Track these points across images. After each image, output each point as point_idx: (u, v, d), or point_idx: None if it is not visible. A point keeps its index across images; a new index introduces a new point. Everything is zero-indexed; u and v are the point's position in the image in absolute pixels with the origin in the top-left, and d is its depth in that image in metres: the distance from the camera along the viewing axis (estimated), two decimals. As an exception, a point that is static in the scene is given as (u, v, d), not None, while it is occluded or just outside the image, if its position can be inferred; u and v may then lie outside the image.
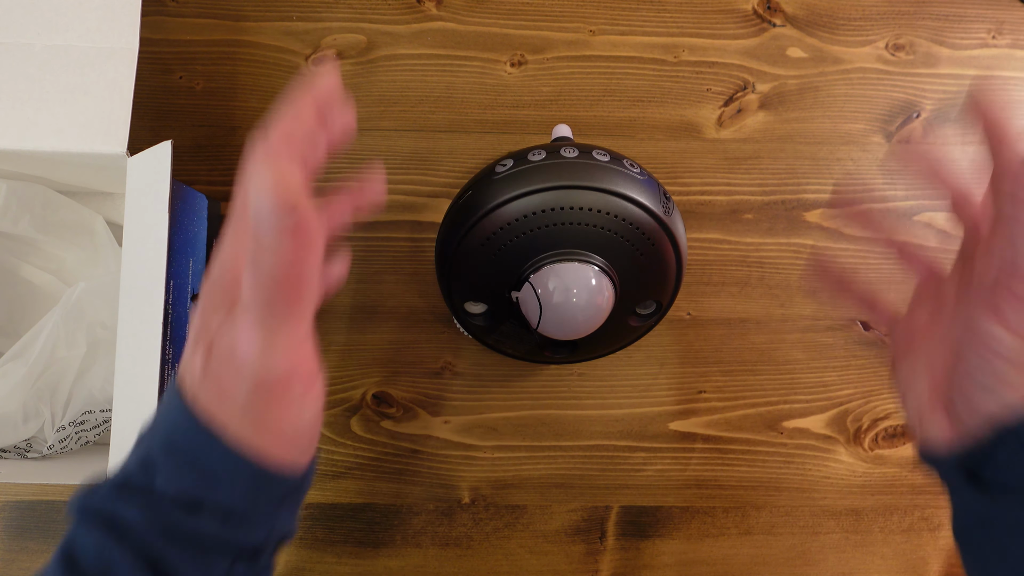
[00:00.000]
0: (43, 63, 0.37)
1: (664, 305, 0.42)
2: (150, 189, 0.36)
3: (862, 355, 0.49)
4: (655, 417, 0.49)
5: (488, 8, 0.50)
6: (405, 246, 0.48)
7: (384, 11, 0.49)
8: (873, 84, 0.51)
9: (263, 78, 0.49)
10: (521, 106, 0.49)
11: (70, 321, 0.41)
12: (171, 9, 0.49)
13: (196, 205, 0.42)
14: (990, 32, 0.51)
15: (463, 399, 0.48)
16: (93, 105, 0.37)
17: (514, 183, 0.36)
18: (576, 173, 0.35)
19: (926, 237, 0.50)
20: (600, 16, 0.50)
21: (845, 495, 0.49)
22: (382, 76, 0.49)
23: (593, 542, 0.48)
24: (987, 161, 0.27)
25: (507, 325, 0.41)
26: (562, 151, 0.36)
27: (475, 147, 0.49)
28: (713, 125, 0.50)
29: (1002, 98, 0.27)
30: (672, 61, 0.50)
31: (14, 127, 0.36)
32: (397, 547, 0.47)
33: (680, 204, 0.49)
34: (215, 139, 0.48)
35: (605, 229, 0.36)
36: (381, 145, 0.49)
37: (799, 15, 0.51)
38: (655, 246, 0.37)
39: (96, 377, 0.42)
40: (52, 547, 0.46)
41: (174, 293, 0.39)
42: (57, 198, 0.44)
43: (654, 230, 0.37)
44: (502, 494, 0.48)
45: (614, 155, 0.37)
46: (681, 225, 0.39)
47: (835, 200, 0.42)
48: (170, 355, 0.39)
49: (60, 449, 0.43)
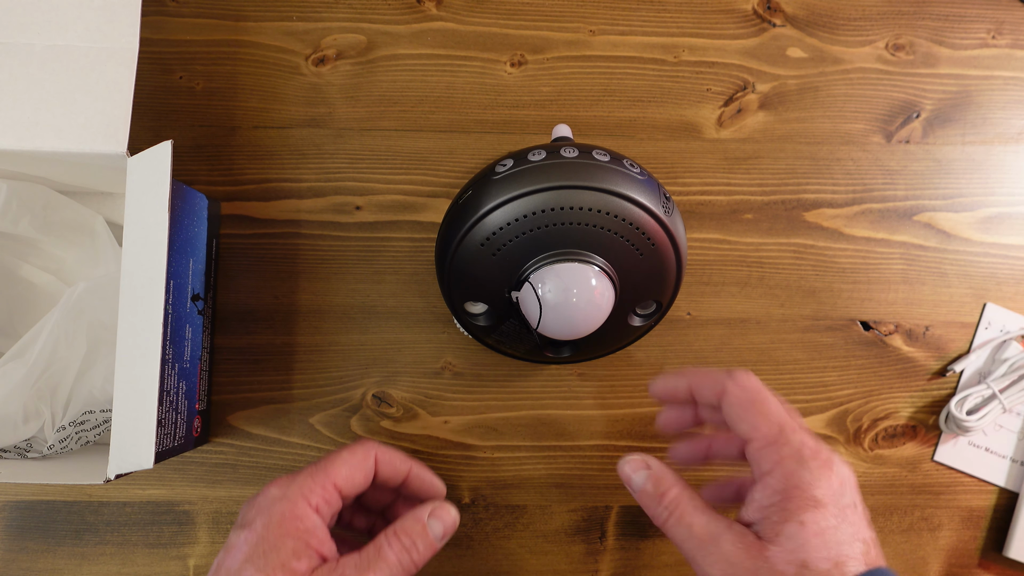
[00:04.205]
0: (43, 63, 0.37)
1: (664, 305, 0.42)
2: (150, 189, 0.36)
3: (862, 355, 0.49)
4: (655, 417, 0.49)
5: (488, 8, 0.50)
6: (405, 246, 0.48)
7: (384, 11, 0.49)
8: (873, 84, 0.51)
9: (263, 78, 0.49)
10: (521, 106, 0.49)
11: (70, 321, 0.41)
12: (171, 9, 0.49)
13: (196, 205, 0.42)
14: (990, 32, 0.51)
15: (463, 399, 0.48)
16: (93, 105, 0.37)
17: (514, 183, 0.36)
18: (576, 173, 0.35)
19: (926, 237, 0.50)
20: (600, 16, 0.50)
21: (845, 495, 0.49)
22: (382, 76, 0.49)
23: (593, 542, 0.48)
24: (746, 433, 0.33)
25: (507, 325, 0.41)
26: (562, 151, 0.36)
27: (475, 147, 0.49)
28: (713, 125, 0.50)
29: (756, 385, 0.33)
30: (672, 61, 0.50)
31: (14, 127, 0.36)
32: (397, 547, 0.47)
33: (680, 204, 0.49)
34: (215, 139, 0.48)
35: (605, 229, 0.36)
36: (381, 145, 0.49)
37: (799, 15, 0.51)
38: (655, 246, 0.37)
39: (96, 377, 0.42)
40: (52, 547, 0.46)
41: (174, 293, 0.39)
42: (57, 198, 0.44)
43: (654, 230, 0.37)
44: (502, 494, 0.48)
45: (614, 155, 0.37)
46: (681, 225, 0.39)
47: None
48: (170, 355, 0.39)
49: (60, 449, 0.43)
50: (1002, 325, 0.50)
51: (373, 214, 0.48)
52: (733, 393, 0.33)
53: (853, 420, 0.49)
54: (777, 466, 0.31)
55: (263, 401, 0.47)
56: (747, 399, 0.33)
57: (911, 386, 0.50)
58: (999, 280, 0.50)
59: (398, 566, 0.31)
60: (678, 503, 0.32)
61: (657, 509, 0.32)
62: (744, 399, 0.33)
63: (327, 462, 0.34)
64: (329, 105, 0.49)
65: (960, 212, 0.50)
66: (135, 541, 0.46)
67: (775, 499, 0.30)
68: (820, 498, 0.30)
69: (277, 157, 0.48)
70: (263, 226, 0.48)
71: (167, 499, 0.47)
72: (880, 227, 0.50)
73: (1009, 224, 0.50)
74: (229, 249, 0.48)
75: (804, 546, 0.29)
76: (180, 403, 0.41)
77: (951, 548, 0.49)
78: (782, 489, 0.30)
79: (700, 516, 0.31)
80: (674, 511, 0.32)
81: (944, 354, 0.50)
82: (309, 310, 0.48)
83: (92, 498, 0.46)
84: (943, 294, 0.50)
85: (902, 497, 0.49)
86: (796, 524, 0.29)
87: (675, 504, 0.32)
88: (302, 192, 0.48)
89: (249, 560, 0.30)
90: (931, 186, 0.50)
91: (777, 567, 0.29)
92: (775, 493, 0.30)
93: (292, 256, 0.48)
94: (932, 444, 0.49)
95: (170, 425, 0.40)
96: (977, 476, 0.49)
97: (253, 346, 0.47)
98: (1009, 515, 0.49)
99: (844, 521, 0.30)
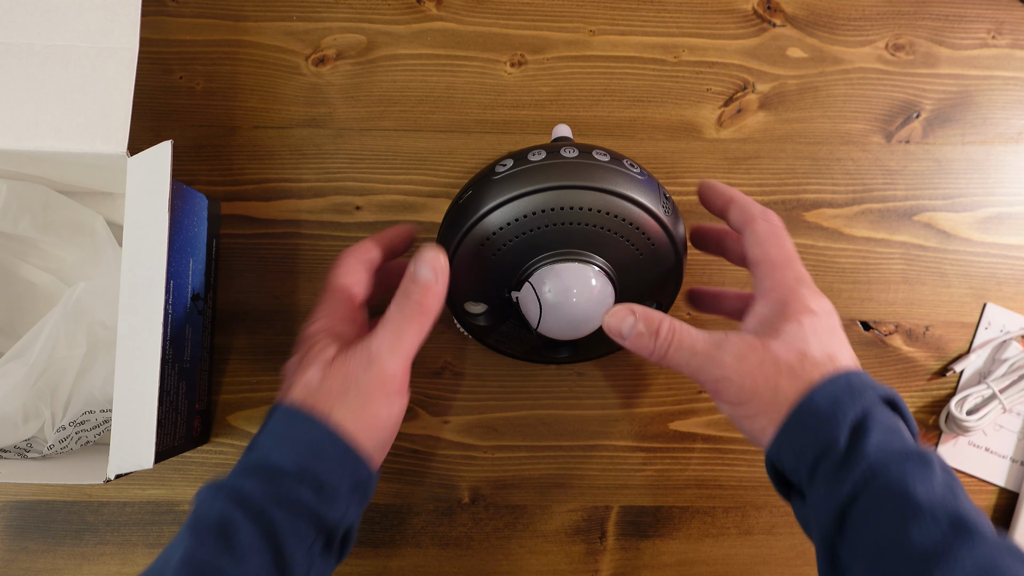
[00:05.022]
0: (43, 63, 0.37)
1: (664, 305, 0.42)
2: (150, 189, 0.36)
3: (862, 355, 0.49)
4: (655, 417, 0.49)
5: (488, 8, 0.50)
6: (405, 246, 0.48)
7: (384, 11, 0.49)
8: (873, 84, 0.51)
9: (263, 78, 0.49)
10: (521, 106, 0.49)
11: (70, 321, 0.41)
12: (171, 9, 0.49)
13: (196, 205, 0.42)
14: (990, 32, 0.51)
15: (463, 399, 0.48)
16: (93, 105, 0.37)
17: (514, 183, 0.36)
18: (576, 173, 0.35)
19: (926, 237, 0.50)
20: (600, 16, 0.50)
21: (845, 495, 0.49)
22: (382, 76, 0.49)
23: (593, 542, 0.48)
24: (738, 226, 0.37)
25: (507, 325, 0.41)
26: (562, 151, 0.36)
27: (475, 147, 0.49)
28: (713, 125, 0.50)
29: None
30: (672, 61, 0.50)
31: (14, 127, 0.36)
32: (397, 547, 0.47)
33: (680, 204, 0.49)
34: (215, 139, 0.48)
35: (605, 229, 0.36)
36: (381, 145, 0.49)
37: (799, 15, 0.51)
38: (655, 246, 0.37)
39: (96, 377, 0.42)
40: (52, 547, 0.46)
41: (174, 293, 0.39)
42: (57, 198, 0.44)
43: (654, 230, 0.37)
44: (502, 494, 0.48)
45: (614, 155, 0.37)
46: (681, 225, 0.39)
47: None
48: (170, 355, 0.39)
49: (60, 449, 0.43)
50: (1002, 325, 0.50)
51: (373, 214, 0.48)
52: (760, 224, 0.36)
53: (853, 420, 0.49)
54: (781, 283, 0.34)
55: (263, 401, 0.47)
56: (770, 231, 0.36)
57: (911, 386, 0.50)
58: (999, 280, 0.50)
59: (400, 316, 0.34)
60: (673, 330, 0.34)
61: (656, 344, 0.34)
62: (768, 231, 0.36)
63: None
64: (329, 105, 0.49)
65: (960, 212, 0.50)
66: (135, 541, 0.46)
67: (776, 308, 0.34)
68: (815, 309, 0.33)
69: (277, 157, 0.48)
70: (263, 226, 0.48)
71: (167, 499, 0.47)
72: (880, 227, 0.50)
73: (1009, 224, 0.50)
74: (229, 249, 0.48)
75: (803, 339, 0.32)
76: (180, 403, 0.41)
77: (951, 548, 0.49)
78: (782, 299, 0.34)
79: (699, 335, 0.34)
80: (672, 339, 0.34)
81: (944, 354, 0.50)
82: (309, 310, 0.47)
83: (92, 498, 0.46)
84: (943, 294, 0.50)
85: (902, 497, 0.49)
86: (795, 323, 0.33)
87: (671, 332, 0.34)
88: (302, 192, 0.48)
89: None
90: (931, 186, 0.50)
91: (780, 356, 0.32)
92: (777, 303, 0.34)
93: (292, 256, 0.48)
94: (932, 444, 0.49)
95: (170, 425, 0.40)
96: (977, 476, 0.49)
97: (253, 346, 0.47)
98: (1009, 515, 0.49)
99: (834, 329, 0.34)
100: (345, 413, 0.32)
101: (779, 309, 0.34)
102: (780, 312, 0.33)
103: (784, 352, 0.32)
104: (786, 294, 0.34)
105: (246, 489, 0.30)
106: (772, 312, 0.34)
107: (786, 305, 0.33)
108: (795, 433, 0.31)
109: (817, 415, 0.31)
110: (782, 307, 0.34)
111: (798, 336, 0.32)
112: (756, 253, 0.36)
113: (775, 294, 0.34)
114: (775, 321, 0.33)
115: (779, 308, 0.34)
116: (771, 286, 0.35)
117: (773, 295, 0.34)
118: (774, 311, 0.34)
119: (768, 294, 0.35)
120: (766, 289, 0.35)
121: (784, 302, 0.34)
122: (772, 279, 0.35)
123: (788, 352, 0.32)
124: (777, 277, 0.35)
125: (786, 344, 0.32)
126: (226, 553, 0.28)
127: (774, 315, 0.34)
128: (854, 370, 0.33)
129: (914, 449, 0.30)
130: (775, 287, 0.34)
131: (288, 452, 0.31)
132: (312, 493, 0.31)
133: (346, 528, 0.33)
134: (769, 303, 0.34)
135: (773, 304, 0.34)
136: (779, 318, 0.33)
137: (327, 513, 0.31)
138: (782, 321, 0.33)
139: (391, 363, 0.33)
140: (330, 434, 0.32)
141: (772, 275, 0.35)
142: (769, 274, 0.35)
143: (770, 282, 0.35)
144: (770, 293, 0.34)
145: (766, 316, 0.34)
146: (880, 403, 0.31)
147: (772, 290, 0.34)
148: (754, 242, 0.36)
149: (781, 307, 0.34)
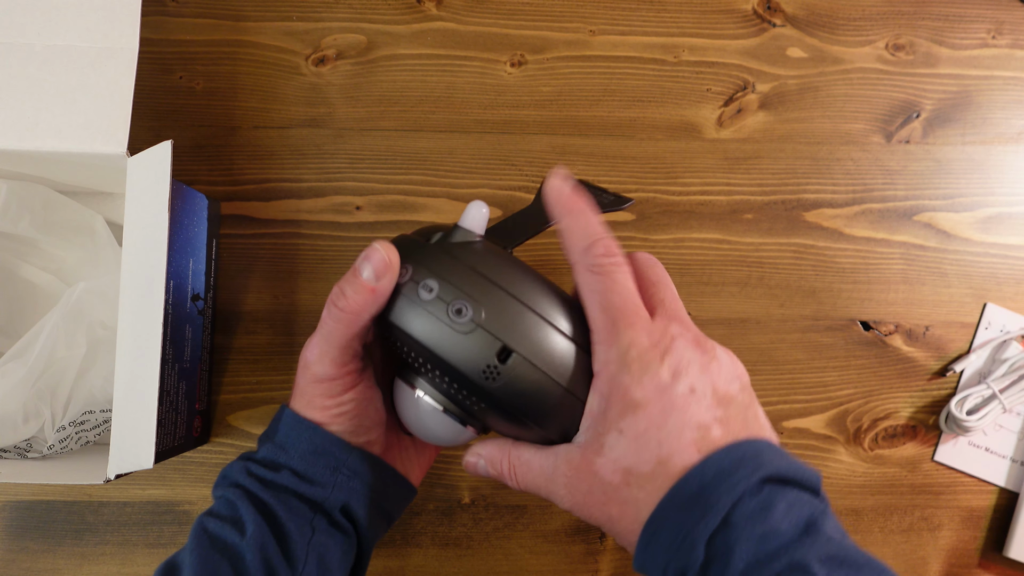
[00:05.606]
0: (43, 63, 0.37)
1: (588, 347, 0.32)
2: (150, 189, 0.36)
3: (862, 355, 0.49)
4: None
5: (488, 8, 0.50)
6: (405, 246, 0.48)
7: (384, 11, 0.49)
8: (873, 84, 0.51)
9: (263, 78, 0.49)
10: (521, 106, 0.49)
11: (70, 321, 0.41)
12: (171, 9, 0.49)
13: (196, 205, 0.43)
14: (990, 32, 0.51)
15: (463, 399, 0.48)
16: (93, 105, 0.37)
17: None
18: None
19: (926, 237, 0.50)
20: (600, 16, 0.50)
21: (845, 495, 0.49)
22: (382, 76, 0.49)
23: (593, 542, 0.48)
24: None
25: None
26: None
27: (475, 147, 0.49)
28: (713, 125, 0.50)
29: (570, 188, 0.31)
30: (672, 61, 0.50)
31: (14, 127, 0.36)
32: (397, 547, 0.47)
33: (680, 204, 0.49)
34: (215, 139, 0.48)
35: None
36: (381, 145, 0.49)
37: (799, 15, 0.51)
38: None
39: (96, 377, 0.42)
40: (52, 547, 0.46)
41: (174, 293, 0.39)
42: (57, 198, 0.44)
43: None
44: (502, 494, 0.48)
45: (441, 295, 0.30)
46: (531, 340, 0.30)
47: None
48: (170, 355, 0.39)
49: (60, 449, 0.43)
50: (1002, 325, 0.50)
51: (373, 214, 0.48)
52: (583, 275, 0.30)
53: (853, 420, 0.49)
54: (603, 370, 0.29)
55: (263, 401, 0.47)
56: (595, 283, 0.29)
57: (911, 386, 0.50)
58: (999, 280, 0.50)
59: (329, 319, 0.32)
60: (514, 465, 0.32)
61: (506, 481, 0.33)
62: (592, 284, 0.29)
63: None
64: (329, 105, 0.49)
65: (960, 212, 0.50)
66: (135, 541, 0.46)
67: (601, 406, 0.29)
68: (639, 400, 0.28)
69: (277, 157, 0.48)
70: (263, 226, 0.48)
71: (167, 499, 0.47)
72: (880, 227, 0.50)
73: (1009, 224, 0.50)
74: (229, 249, 0.48)
75: (625, 454, 0.28)
76: (180, 403, 0.41)
77: (951, 548, 0.49)
78: (606, 395, 0.29)
79: (537, 463, 0.31)
80: (515, 473, 0.32)
81: (944, 354, 0.50)
82: (309, 310, 0.48)
83: (92, 498, 0.46)
84: (943, 294, 0.50)
85: (902, 497, 0.49)
86: (615, 433, 0.28)
87: (512, 468, 0.32)
88: (302, 192, 0.48)
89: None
90: (931, 186, 0.50)
91: (605, 478, 0.29)
92: (601, 399, 0.29)
93: (292, 256, 0.48)
94: (932, 444, 0.49)
95: (170, 425, 0.40)
96: (977, 476, 0.49)
97: (253, 346, 0.47)
98: (1009, 515, 0.49)
99: (671, 414, 0.28)
100: (302, 406, 0.34)
101: (603, 408, 0.29)
102: (603, 413, 0.29)
103: (608, 472, 0.29)
104: (608, 387, 0.29)
105: (242, 480, 0.34)
106: (598, 410, 0.29)
107: (609, 403, 0.29)
108: (648, 561, 0.28)
109: (661, 544, 0.27)
110: (606, 405, 0.29)
111: (619, 451, 0.28)
112: (587, 314, 0.30)
113: (599, 385, 0.29)
114: (599, 429, 0.29)
115: (603, 406, 0.29)
116: (597, 370, 0.29)
117: (598, 386, 0.29)
118: (600, 408, 0.29)
119: (594, 384, 0.30)
120: (596, 373, 0.30)
121: (607, 397, 0.29)
122: (597, 360, 0.29)
123: (612, 472, 0.28)
124: (600, 358, 0.29)
125: (609, 463, 0.29)
126: (229, 524, 0.32)
127: (599, 417, 0.29)
128: (695, 464, 0.27)
129: (788, 560, 0.25)
130: (599, 374, 0.29)
131: (268, 433, 0.36)
132: (274, 448, 0.34)
133: (325, 487, 0.34)
134: (596, 396, 0.29)
135: (599, 398, 0.29)
136: (602, 422, 0.29)
137: (278, 458, 0.34)
138: (604, 428, 0.29)
139: (320, 368, 0.33)
140: (283, 408, 0.35)
141: (597, 354, 0.29)
142: (596, 351, 0.29)
143: (597, 365, 0.29)
144: (596, 382, 0.29)
145: (595, 414, 0.29)
146: (751, 491, 0.27)
147: (598, 377, 0.29)
148: (582, 297, 0.30)
149: (605, 404, 0.29)
